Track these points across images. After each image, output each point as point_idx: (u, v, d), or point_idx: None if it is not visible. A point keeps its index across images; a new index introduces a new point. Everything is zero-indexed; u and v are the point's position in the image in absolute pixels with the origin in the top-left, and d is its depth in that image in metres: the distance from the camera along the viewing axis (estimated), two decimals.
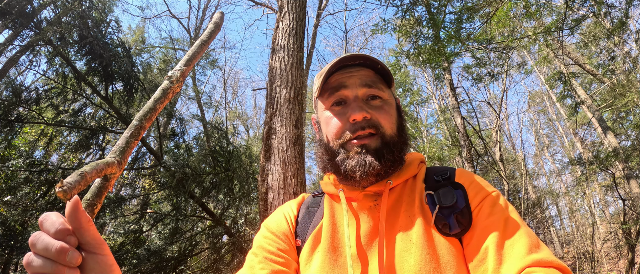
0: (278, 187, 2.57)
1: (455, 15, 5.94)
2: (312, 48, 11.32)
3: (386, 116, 0.72)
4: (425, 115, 18.88)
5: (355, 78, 0.73)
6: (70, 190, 0.36)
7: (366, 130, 0.69)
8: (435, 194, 0.67)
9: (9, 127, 4.25)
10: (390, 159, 0.69)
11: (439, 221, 0.64)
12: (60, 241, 0.40)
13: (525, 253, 0.56)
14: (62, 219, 0.41)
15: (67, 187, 0.36)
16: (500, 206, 0.64)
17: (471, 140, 8.43)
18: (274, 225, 0.78)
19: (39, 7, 4.38)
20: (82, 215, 0.41)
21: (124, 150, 0.44)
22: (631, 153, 9.06)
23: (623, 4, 5.65)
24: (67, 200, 0.39)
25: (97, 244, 0.43)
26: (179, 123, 5.61)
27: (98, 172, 0.41)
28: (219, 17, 0.66)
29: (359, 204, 0.72)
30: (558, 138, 21.42)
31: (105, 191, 0.44)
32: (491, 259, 0.57)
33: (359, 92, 0.72)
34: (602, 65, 9.62)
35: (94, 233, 0.42)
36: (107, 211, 4.69)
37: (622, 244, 8.83)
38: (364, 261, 0.64)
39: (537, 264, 0.54)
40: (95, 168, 0.40)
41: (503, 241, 0.59)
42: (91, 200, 0.44)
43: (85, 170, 0.39)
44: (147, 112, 0.47)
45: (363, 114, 0.69)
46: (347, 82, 0.73)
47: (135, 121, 0.46)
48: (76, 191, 0.38)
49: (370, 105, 0.72)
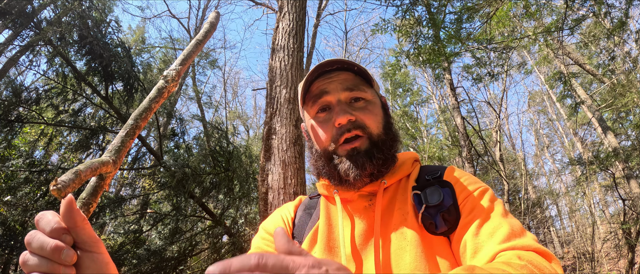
0: (278, 187, 2.57)
1: (455, 15, 5.94)
2: (312, 48, 11.33)
3: (371, 116, 0.72)
4: (425, 115, 18.88)
5: (336, 83, 0.74)
6: (65, 188, 0.37)
7: (353, 132, 0.70)
8: (422, 193, 0.67)
9: (9, 127, 4.25)
10: (381, 158, 0.70)
11: (426, 220, 0.64)
12: (55, 240, 0.40)
13: (504, 239, 0.55)
14: (57, 218, 0.41)
15: (62, 185, 0.36)
16: (485, 200, 0.64)
17: (471, 140, 8.43)
18: (271, 226, 0.78)
19: (39, 7, 4.38)
20: (76, 213, 0.41)
21: (119, 149, 0.44)
22: (631, 153, 9.05)
23: (623, 4, 5.65)
24: (62, 198, 0.39)
25: (92, 243, 0.43)
26: (179, 123, 5.61)
27: (93, 171, 0.41)
28: (214, 17, 0.66)
29: (353, 204, 0.73)
30: (558, 138, 21.41)
31: (100, 190, 0.44)
32: (469, 249, 0.58)
33: (342, 96, 0.73)
34: (602, 65, 9.61)
35: (89, 232, 0.43)
36: (107, 211, 4.69)
37: (622, 244, 8.83)
38: (358, 261, 0.65)
39: (512, 248, 0.54)
40: (90, 166, 0.40)
41: (480, 231, 0.59)
42: (87, 199, 0.44)
43: (79, 168, 0.39)
44: (143, 111, 0.47)
45: (347, 117, 0.70)
46: (328, 87, 0.74)
47: (131, 120, 0.46)
48: (70, 189, 0.38)
49: (354, 107, 0.73)
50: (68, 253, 0.40)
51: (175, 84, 0.52)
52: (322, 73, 0.76)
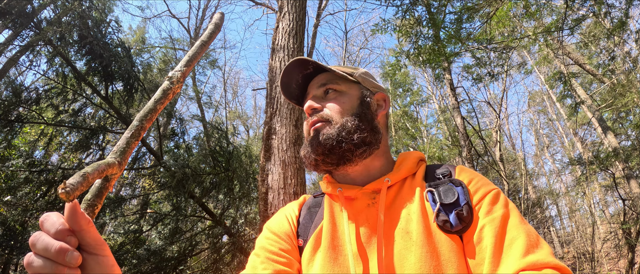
0: (278, 187, 2.57)
1: (455, 15, 5.94)
2: (312, 48, 11.32)
3: (335, 104, 0.78)
4: (425, 115, 18.90)
5: (315, 83, 0.83)
6: (73, 191, 0.37)
7: (314, 118, 0.77)
8: (436, 191, 0.67)
9: (9, 127, 4.25)
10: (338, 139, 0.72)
11: (440, 218, 0.64)
12: (60, 242, 0.40)
13: (522, 253, 0.56)
14: (62, 219, 0.41)
15: (70, 188, 0.36)
16: (500, 204, 0.64)
17: (471, 140, 8.43)
18: (276, 225, 0.78)
19: (39, 7, 4.37)
20: (81, 216, 0.41)
21: (124, 151, 0.45)
22: (631, 153, 9.06)
23: (623, 4, 5.65)
24: (69, 201, 0.39)
25: (97, 246, 0.43)
26: (179, 123, 5.61)
27: (100, 173, 0.41)
28: (219, 18, 0.66)
29: (357, 202, 0.73)
30: (558, 138, 21.42)
31: (105, 191, 0.44)
32: (488, 261, 0.58)
33: (317, 91, 0.82)
34: (602, 65, 9.61)
35: (94, 235, 0.43)
36: (107, 211, 4.69)
37: (622, 244, 8.83)
38: (364, 260, 0.65)
39: (532, 267, 0.54)
40: (97, 168, 0.40)
41: (501, 241, 0.59)
42: (92, 200, 0.44)
43: (87, 171, 0.39)
44: (148, 113, 0.48)
45: (310, 105, 0.78)
46: (310, 89, 0.84)
47: (136, 121, 0.46)
48: (79, 192, 0.38)
49: (325, 98, 0.80)
50: (73, 255, 0.40)
51: (180, 86, 0.52)
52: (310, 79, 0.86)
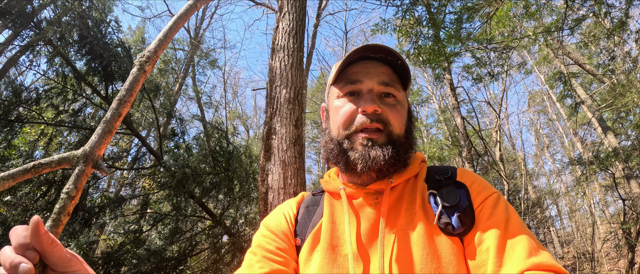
0: (278, 187, 2.57)
1: (455, 15, 5.93)
2: (312, 48, 11.33)
3: (397, 115, 0.71)
4: (425, 115, 18.89)
5: (373, 74, 0.73)
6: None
7: (374, 124, 0.69)
8: (438, 193, 0.67)
9: (9, 127, 4.24)
10: (394, 157, 0.68)
11: (442, 220, 0.64)
12: (18, 255, 0.40)
13: (525, 255, 0.56)
14: (26, 233, 0.41)
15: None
16: (501, 208, 0.64)
17: (471, 140, 8.42)
18: (273, 223, 0.77)
19: (39, 7, 4.37)
20: (43, 237, 0.41)
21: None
22: (631, 153, 9.05)
23: (623, 4, 5.65)
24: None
25: (64, 264, 0.43)
26: (179, 123, 5.61)
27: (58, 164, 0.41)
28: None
29: (359, 202, 0.72)
30: (558, 138, 21.42)
31: (84, 178, 0.45)
32: (491, 261, 0.58)
33: (375, 87, 0.72)
34: (602, 65, 9.60)
35: (59, 253, 0.42)
36: (107, 211, 4.69)
37: (622, 244, 8.83)
38: (365, 260, 0.64)
39: (536, 267, 0.55)
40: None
41: (504, 243, 0.59)
42: (70, 192, 0.45)
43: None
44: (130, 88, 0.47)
45: (374, 107, 0.69)
46: (365, 76, 0.73)
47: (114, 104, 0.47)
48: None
49: (383, 101, 0.72)
50: (23, 268, 0.39)
51: (154, 63, 0.53)
52: (363, 58, 0.75)
